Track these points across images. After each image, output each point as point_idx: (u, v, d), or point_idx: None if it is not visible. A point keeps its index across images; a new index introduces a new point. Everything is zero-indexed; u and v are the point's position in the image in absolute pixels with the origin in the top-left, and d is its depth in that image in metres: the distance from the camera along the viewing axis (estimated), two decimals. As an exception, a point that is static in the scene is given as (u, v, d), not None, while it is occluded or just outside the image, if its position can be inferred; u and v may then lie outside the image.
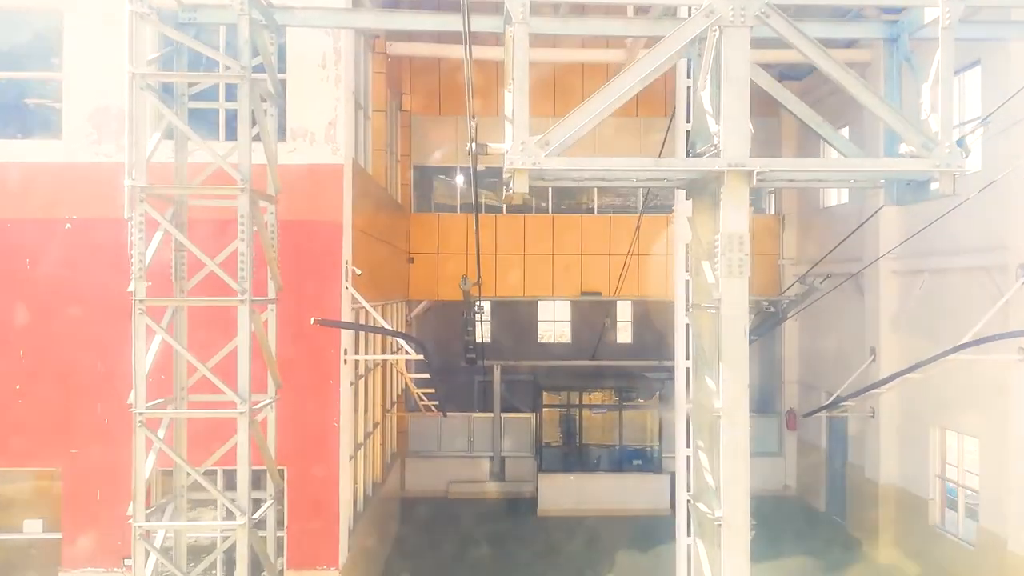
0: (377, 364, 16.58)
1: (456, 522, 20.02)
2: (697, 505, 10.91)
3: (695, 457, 11.30)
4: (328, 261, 11.65)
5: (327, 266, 11.65)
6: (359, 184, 13.05)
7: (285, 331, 11.14)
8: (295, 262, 11.56)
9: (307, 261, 11.64)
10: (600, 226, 22.48)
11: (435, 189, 23.51)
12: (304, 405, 11.62)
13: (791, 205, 23.03)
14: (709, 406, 10.84)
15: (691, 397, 11.29)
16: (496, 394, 22.58)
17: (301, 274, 11.56)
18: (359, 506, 14.53)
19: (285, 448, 11.55)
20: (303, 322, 11.29)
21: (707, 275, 10.18)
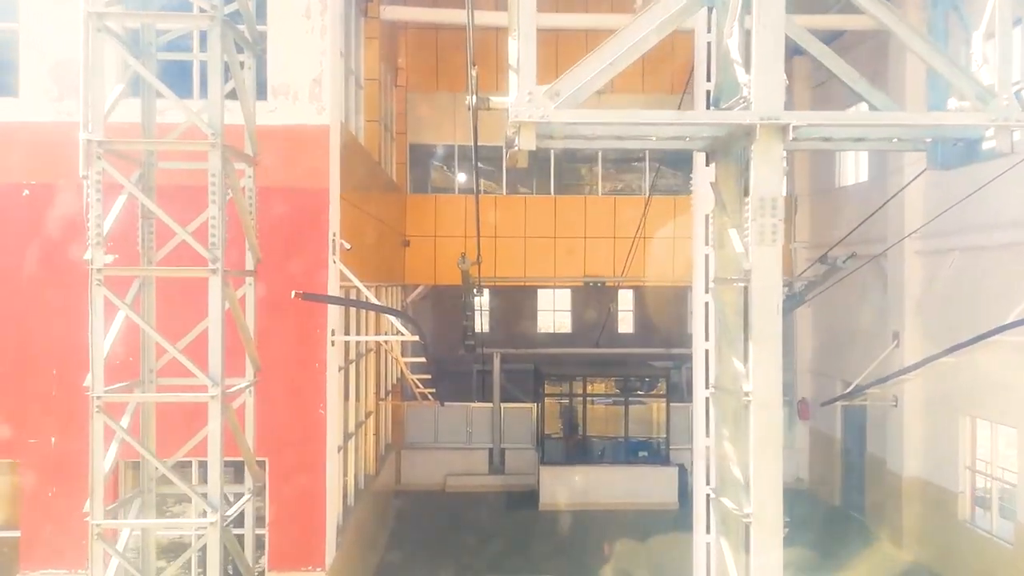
0: (370, 349, 15.58)
1: (454, 517, 19.05)
2: (721, 500, 9.92)
3: (717, 447, 10.31)
4: (313, 233, 10.63)
5: (312, 238, 10.63)
6: (348, 151, 12.03)
7: (265, 308, 10.13)
8: (277, 233, 10.55)
9: (290, 232, 10.63)
10: (604, 208, 21.47)
11: (432, 169, 22.47)
12: (287, 390, 10.62)
13: (803, 186, 22.04)
14: (735, 390, 9.84)
15: (713, 381, 10.30)
16: (496, 383, 21.56)
17: (284, 246, 10.55)
18: (349, 500, 13.54)
19: (266, 437, 10.54)
20: (285, 299, 10.28)
21: (735, 244, 9.19)
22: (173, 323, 9.28)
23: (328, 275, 10.65)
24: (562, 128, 8.60)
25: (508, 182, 22.12)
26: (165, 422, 9.90)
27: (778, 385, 8.69)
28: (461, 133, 21.01)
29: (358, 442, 14.44)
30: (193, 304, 8.98)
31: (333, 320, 10.79)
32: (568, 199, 21.89)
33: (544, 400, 20.96)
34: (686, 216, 21.99)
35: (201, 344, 8.73)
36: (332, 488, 10.94)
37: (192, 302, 9.03)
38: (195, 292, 8.83)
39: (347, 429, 13.42)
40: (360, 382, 14.56)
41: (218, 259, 8.50)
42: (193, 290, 8.87)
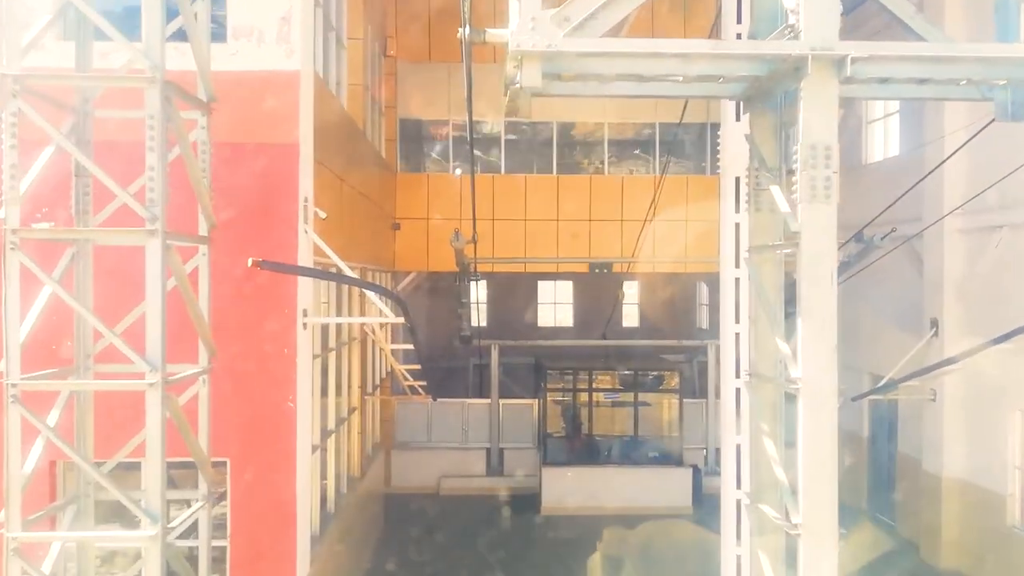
0: (354, 337, 14.09)
1: (449, 522, 17.54)
2: (759, 507, 8.43)
3: (754, 444, 8.83)
4: (281, 196, 9.14)
5: (279, 203, 9.15)
6: (324, 106, 10.55)
7: (223, 284, 8.65)
8: (239, 196, 9.07)
9: (255, 195, 9.14)
10: (611, 188, 19.98)
11: (425, 145, 20.97)
12: (251, 380, 9.14)
13: (824, 165, 20.53)
14: (776, 377, 8.38)
15: (749, 368, 8.82)
16: (494, 378, 20.00)
17: (247, 212, 9.07)
18: (329, 506, 12.05)
19: (226, 434, 9.07)
20: (247, 272, 8.79)
21: (779, 203, 7.72)
22: (121, 303, 7.81)
23: (299, 247, 9.16)
24: (572, 62, 7.13)
25: (507, 160, 20.62)
26: (112, 417, 8.45)
27: (833, 370, 7.23)
28: (456, 107, 19.52)
29: (340, 441, 12.95)
30: (141, 280, 7.51)
31: (305, 299, 9.29)
32: (572, 179, 20.42)
33: (546, 396, 19.43)
34: (700, 197, 20.66)
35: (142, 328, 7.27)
36: (304, 492, 9.45)
37: (140, 278, 7.55)
38: (142, 266, 7.34)
39: (325, 426, 11.93)
40: (342, 374, 13.08)
41: (157, 218, 7.02)
42: (140, 263, 7.39)
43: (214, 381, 8.51)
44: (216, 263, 8.45)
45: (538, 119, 20.51)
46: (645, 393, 19.38)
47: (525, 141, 21.45)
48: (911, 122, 16.39)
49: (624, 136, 21.55)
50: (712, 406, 19.95)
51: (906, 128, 16.73)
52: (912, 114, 16.36)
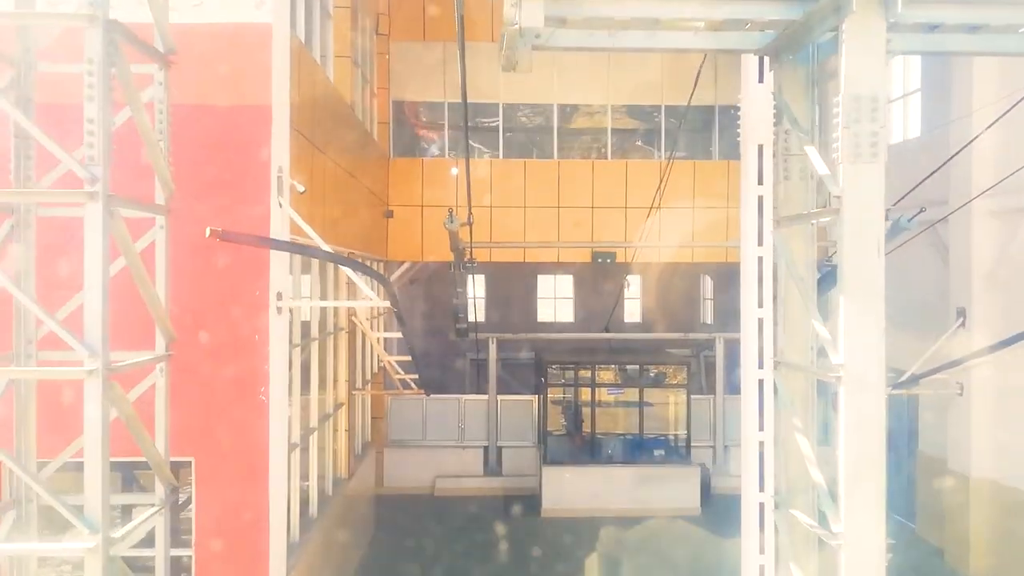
0: (342, 328, 13.13)
1: (444, 525, 16.60)
2: (790, 513, 7.49)
3: (785, 441, 7.88)
4: (252, 165, 8.18)
5: (250, 173, 8.19)
6: (303, 71, 9.59)
7: (186, 262, 7.72)
8: (205, 165, 8.13)
9: (222, 164, 8.19)
10: (615, 173, 19.02)
11: (419, 128, 20.01)
12: (218, 370, 8.19)
13: (838, 150, 19.59)
14: (809, 365, 7.45)
15: (777, 355, 7.87)
16: (492, 373, 19.04)
17: (213, 181, 8.12)
18: (311, 510, 11.10)
19: (190, 431, 8.14)
20: (212, 249, 7.87)
21: (815, 165, 6.78)
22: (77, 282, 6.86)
23: (271, 221, 8.20)
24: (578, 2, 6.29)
25: (505, 145, 19.66)
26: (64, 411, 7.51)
27: (880, 355, 6.30)
28: (452, 89, 18.55)
29: (324, 438, 12.01)
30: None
31: (279, 280, 8.34)
32: (573, 163, 19.47)
33: (547, 392, 18.46)
34: (708, 182, 19.74)
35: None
36: (279, 495, 8.50)
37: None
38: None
39: (307, 422, 10.99)
40: (327, 366, 12.14)
41: (97, 180, 6.07)
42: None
43: (176, 371, 7.58)
44: (178, 239, 7.52)
45: (538, 101, 19.57)
46: (651, 389, 18.40)
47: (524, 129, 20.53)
48: (935, 99, 15.45)
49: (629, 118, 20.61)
50: (720, 402, 19.03)
51: (929, 106, 15.79)
52: (936, 91, 15.42)
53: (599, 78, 19.09)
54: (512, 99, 19.28)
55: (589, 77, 19.10)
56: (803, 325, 7.59)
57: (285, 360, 8.55)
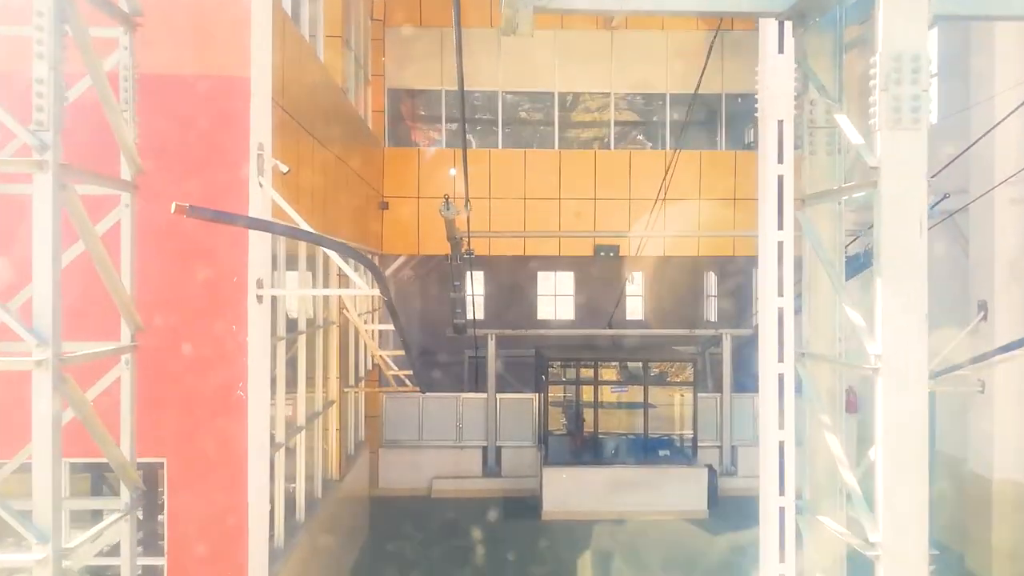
0: (333, 322, 12.50)
1: (441, 528, 15.96)
2: (818, 520, 6.85)
3: (810, 440, 7.24)
4: (228, 141, 7.54)
5: (226, 149, 7.54)
6: (288, 44, 8.95)
7: (155, 246, 7.08)
8: (177, 140, 7.49)
9: (196, 140, 7.55)
10: (618, 165, 18.38)
11: (415, 118, 19.39)
12: (192, 363, 7.55)
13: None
14: (837, 357, 6.82)
15: (802, 346, 7.23)
16: (491, 370, 18.38)
17: (186, 160, 7.48)
18: (299, 514, 10.46)
19: (162, 429, 7.50)
20: (185, 231, 7.24)
21: (848, 134, 6.17)
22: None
23: (250, 203, 7.56)
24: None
25: (505, 135, 19.02)
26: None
27: (923, 343, 5.67)
28: (449, 76, 17.92)
29: (314, 438, 11.37)
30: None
31: (259, 265, 7.70)
32: (575, 153, 18.83)
33: (547, 390, 17.81)
34: (715, 174, 19.10)
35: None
36: (259, 498, 7.85)
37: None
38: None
39: (294, 420, 10.35)
40: (316, 361, 11.50)
41: (47, 147, 5.43)
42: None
43: (147, 365, 6.95)
44: (147, 220, 6.88)
45: (539, 89, 18.94)
46: (656, 387, 17.74)
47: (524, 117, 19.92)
48: (954, 84, 14.79)
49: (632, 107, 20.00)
50: (728, 400, 18.39)
51: (946, 91, 15.13)
52: (954, 75, 14.77)
53: (602, 65, 18.46)
54: (512, 87, 18.65)
55: (591, 64, 18.47)
56: (830, 313, 6.95)
57: (266, 353, 7.91)
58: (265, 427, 7.92)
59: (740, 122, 19.96)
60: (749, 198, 18.09)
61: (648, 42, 18.44)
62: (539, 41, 18.32)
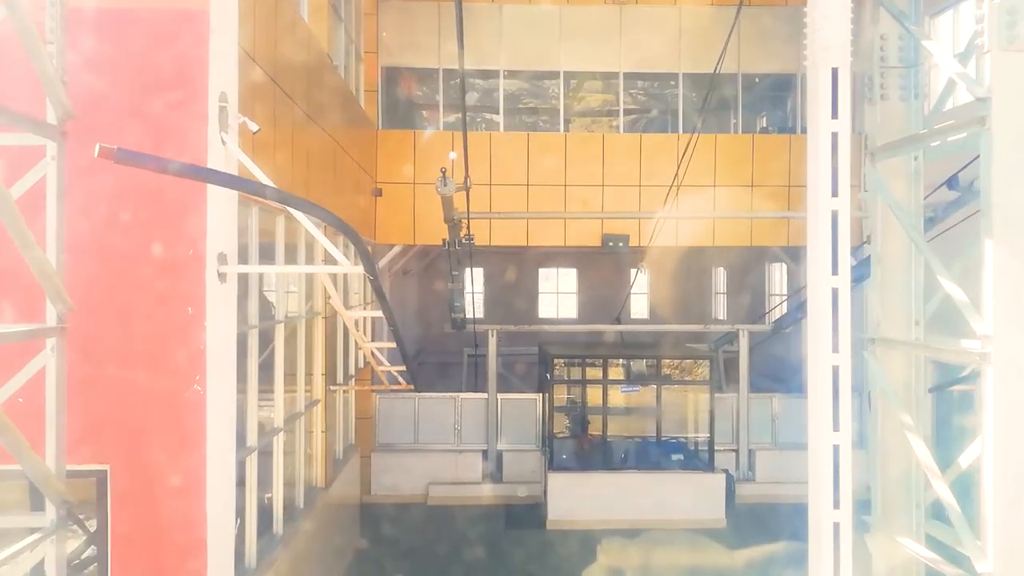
0: (318, 312, 11.32)
1: (438, 538, 14.79)
2: (894, 540, 5.68)
3: (883, 443, 6.09)
4: (181, 86, 6.36)
5: (179, 96, 6.37)
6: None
7: (89, 208, 5.92)
8: (120, 87, 6.33)
9: (144, 86, 6.38)
10: (627, 148, 17.22)
11: (411, 98, 18.25)
12: (138, 352, 6.37)
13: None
14: (919, 341, 5.65)
15: (871, 330, 6.06)
16: (491, 368, 17.19)
17: (130, 110, 6.32)
18: (276, 526, 9.28)
19: (103, 431, 6.34)
20: (128, 192, 6.09)
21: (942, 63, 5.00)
22: None
23: (209, 162, 6.38)
24: None
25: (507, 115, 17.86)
26: None
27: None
28: (447, 53, 16.77)
29: (294, 442, 10.19)
30: None
31: (221, 237, 6.52)
32: (582, 136, 17.71)
33: (552, 389, 16.62)
34: (731, 159, 17.95)
35: None
36: (221, 510, 6.67)
37: None
38: None
39: (271, 421, 9.18)
40: (297, 356, 10.33)
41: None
42: None
43: (83, 354, 5.80)
44: (84, 182, 5.73)
45: (543, 68, 17.80)
46: (669, 386, 16.54)
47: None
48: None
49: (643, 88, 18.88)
50: (744, 401, 17.22)
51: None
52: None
53: (609, 43, 17.31)
54: (514, 65, 17.50)
55: (598, 42, 17.32)
56: (905, 289, 5.77)
57: (230, 341, 6.73)
58: (228, 428, 6.74)
59: (757, 105, 18.83)
60: (767, 184, 16.93)
61: (660, 18, 17.29)
62: (544, 17, 17.19)
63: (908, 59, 5.77)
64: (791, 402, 17.49)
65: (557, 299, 30.41)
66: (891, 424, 5.37)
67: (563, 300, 30.45)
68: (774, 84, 18.60)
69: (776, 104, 19.08)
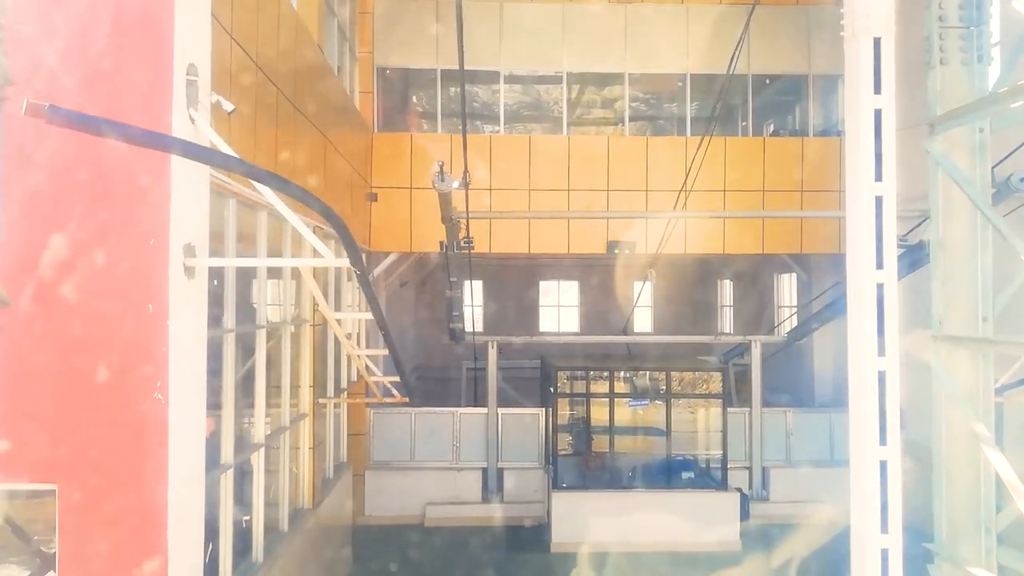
0: (305, 320, 10.56)
1: (435, 562, 13.97)
2: (969, 572, 4.89)
3: (947, 457, 5.32)
4: (144, 55, 5.63)
5: (142, 65, 5.64)
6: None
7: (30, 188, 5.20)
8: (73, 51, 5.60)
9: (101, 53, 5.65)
10: (634, 151, 16.52)
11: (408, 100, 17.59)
12: (91, 355, 5.61)
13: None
14: (983, 339, 4.90)
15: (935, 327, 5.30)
16: (491, 382, 16.41)
17: (85, 77, 5.59)
18: (256, 553, 8.47)
19: (51, 445, 5.57)
20: (78, 172, 5.37)
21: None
22: None
23: (171, 128, 5.64)
24: None
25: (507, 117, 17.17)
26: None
27: None
28: (446, 53, 16.11)
29: (278, 459, 9.40)
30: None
31: (188, 226, 5.77)
32: (586, 139, 17.02)
33: (556, 404, 15.82)
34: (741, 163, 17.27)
35: None
36: (184, 535, 5.87)
37: None
38: None
39: (252, 437, 8.40)
40: (282, 365, 9.56)
41: None
42: None
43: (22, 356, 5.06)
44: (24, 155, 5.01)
45: (545, 69, 17.15)
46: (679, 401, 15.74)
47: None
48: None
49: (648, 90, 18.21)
50: (758, 416, 16.43)
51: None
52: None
53: (614, 42, 16.66)
54: (515, 67, 16.84)
55: (603, 41, 16.67)
56: (970, 279, 5.03)
57: (198, 343, 5.96)
58: (195, 442, 5.97)
59: (768, 108, 18.17)
60: (780, 190, 16.24)
61: (668, 17, 16.65)
62: (545, 15, 16.55)
63: (970, 18, 5.05)
64: (806, 417, 16.72)
65: (559, 312, 29.70)
66: (958, 435, 4.57)
67: (565, 314, 29.74)
68: (785, 85, 17.96)
69: (787, 107, 18.43)
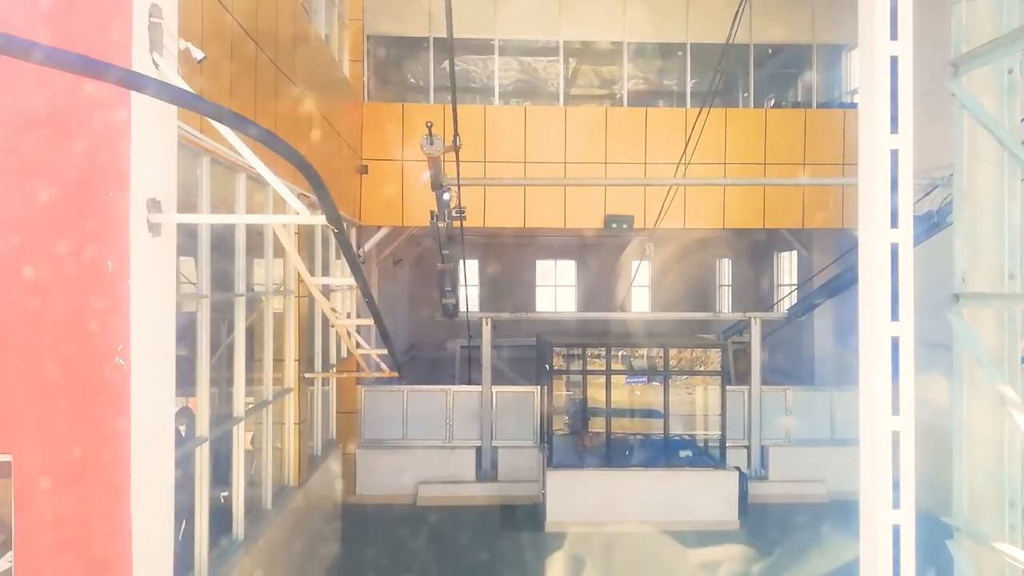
0: (290, 291, 10.17)
1: (428, 541, 13.65)
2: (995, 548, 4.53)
3: (969, 426, 4.95)
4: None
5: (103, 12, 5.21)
6: None
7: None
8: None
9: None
10: (632, 123, 16.09)
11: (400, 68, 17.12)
12: (46, 317, 5.22)
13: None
14: (1012, 295, 4.46)
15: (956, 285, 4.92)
16: (486, 359, 16.04)
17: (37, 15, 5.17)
18: (236, 530, 8.12)
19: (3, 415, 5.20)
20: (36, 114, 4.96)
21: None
22: None
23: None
24: None
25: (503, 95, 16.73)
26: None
27: None
28: (438, 20, 15.64)
29: (261, 436, 9.04)
30: None
31: (152, 179, 5.36)
32: (583, 111, 16.58)
33: (551, 381, 15.47)
34: (742, 135, 16.85)
35: None
36: (150, 513, 5.50)
37: None
38: None
39: (230, 410, 8.04)
40: (264, 337, 9.18)
41: None
42: None
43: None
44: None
45: (541, 37, 16.68)
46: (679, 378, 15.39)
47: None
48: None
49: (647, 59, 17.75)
50: (757, 394, 16.10)
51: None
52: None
53: (612, 10, 16.20)
54: (509, 34, 16.37)
55: (601, 9, 16.21)
56: (997, 232, 4.64)
57: (162, 308, 5.56)
58: (162, 411, 5.58)
59: (770, 80, 17.73)
60: (782, 163, 15.82)
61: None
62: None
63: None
64: (806, 395, 16.40)
65: (555, 292, 29.35)
66: (980, 400, 4.19)
67: (561, 293, 29.40)
68: (788, 57, 17.53)
69: (789, 79, 17.99)
